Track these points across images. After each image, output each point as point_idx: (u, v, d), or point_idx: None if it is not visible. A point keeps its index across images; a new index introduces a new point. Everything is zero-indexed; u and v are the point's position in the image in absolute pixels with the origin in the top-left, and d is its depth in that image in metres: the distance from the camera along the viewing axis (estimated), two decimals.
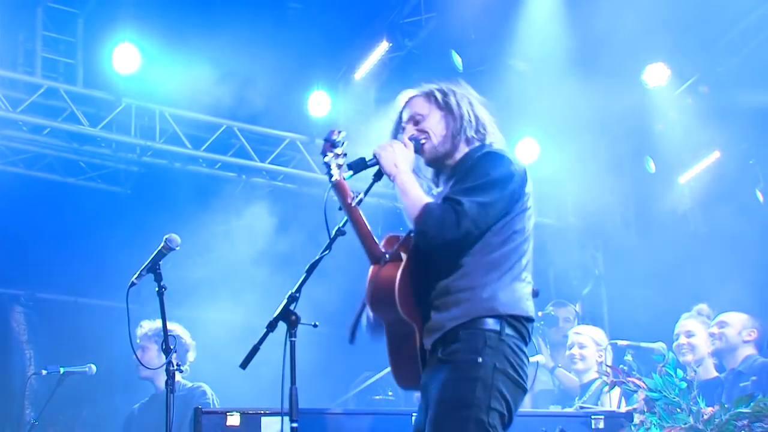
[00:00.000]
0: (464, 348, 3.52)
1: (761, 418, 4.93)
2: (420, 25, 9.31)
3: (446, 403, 3.49)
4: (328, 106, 9.60)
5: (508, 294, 3.61)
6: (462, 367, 3.51)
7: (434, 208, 3.58)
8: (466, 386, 3.48)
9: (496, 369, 3.51)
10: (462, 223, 3.54)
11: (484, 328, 3.54)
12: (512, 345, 3.57)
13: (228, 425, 4.70)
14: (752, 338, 6.40)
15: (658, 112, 9.51)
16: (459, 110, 3.90)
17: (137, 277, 4.75)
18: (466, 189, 3.61)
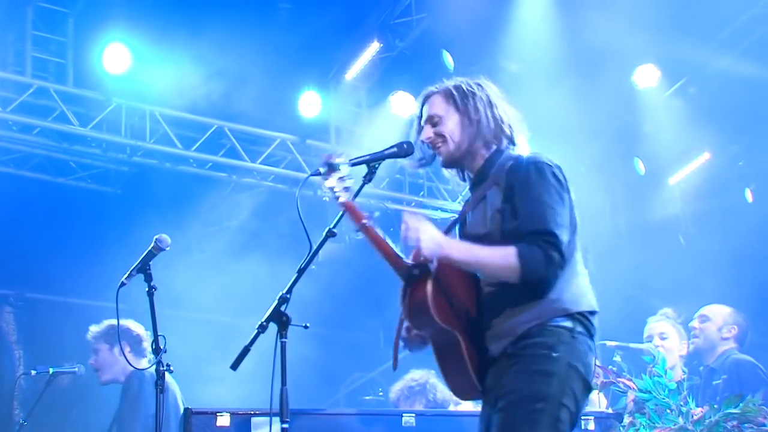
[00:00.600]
0: (538, 343, 3.49)
1: (751, 419, 4.94)
2: (411, 25, 9.32)
3: (519, 394, 3.45)
4: (319, 107, 9.60)
5: (573, 290, 3.59)
6: (537, 361, 3.47)
7: (534, 254, 3.48)
8: (541, 380, 3.44)
9: (570, 366, 3.48)
10: (562, 251, 3.51)
11: (558, 325, 3.52)
12: (583, 343, 3.55)
13: (218, 426, 4.69)
14: (732, 335, 6.40)
15: (648, 113, 9.53)
16: (477, 114, 3.82)
17: (127, 278, 4.74)
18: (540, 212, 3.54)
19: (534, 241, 3.49)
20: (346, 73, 9.85)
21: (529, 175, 3.63)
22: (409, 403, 6.37)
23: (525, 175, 3.63)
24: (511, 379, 3.49)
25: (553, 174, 3.64)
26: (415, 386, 6.39)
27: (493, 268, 3.55)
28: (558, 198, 3.59)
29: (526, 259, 3.46)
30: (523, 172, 3.64)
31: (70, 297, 9.88)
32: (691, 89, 9.39)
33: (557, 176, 3.65)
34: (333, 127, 10.15)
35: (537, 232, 3.51)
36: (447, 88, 3.91)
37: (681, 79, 9.38)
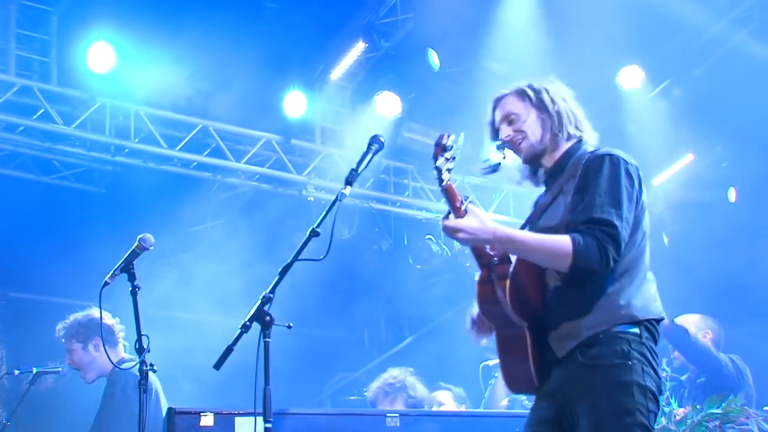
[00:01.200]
0: (609, 352, 3.46)
1: (732, 419, 4.97)
2: (396, 25, 9.32)
3: (607, 410, 3.41)
4: (304, 107, 9.60)
5: (642, 297, 3.57)
6: (614, 372, 3.44)
7: (589, 243, 3.43)
8: (623, 391, 3.42)
9: (645, 372, 3.45)
10: (620, 244, 3.47)
11: (626, 332, 3.49)
12: (651, 348, 3.52)
13: (202, 425, 4.69)
14: (708, 339, 6.45)
15: (633, 114, 9.56)
16: (555, 107, 3.83)
17: (111, 277, 4.73)
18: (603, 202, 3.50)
19: (591, 230, 3.46)
20: (331, 72, 9.84)
21: (602, 166, 3.59)
22: (388, 400, 6.37)
23: (598, 165, 3.60)
24: (594, 396, 3.45)
25: (626, 170, 3.61)
26: (396, 383, 6.40)
27: (544, 254, 3.51)
28: (627, 193, 3.56)
29: (579, 248, 3.42)
30: (597, 163, 3.61)
31: (53, 296, 9.85)
32: (675, 91, 9.43)
33: (630, 173, 3.62)
34: (318, 126, 10.15)
35: (595, 221, 3.47)
36: (519, 88, 3.91)
37: (665, 80, 9.41)
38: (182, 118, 9.37)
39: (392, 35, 9.38)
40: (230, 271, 9.28)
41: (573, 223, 3.53)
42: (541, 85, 3.90)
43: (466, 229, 3.50)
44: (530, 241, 3.54)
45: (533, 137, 3.83)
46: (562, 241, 3.46)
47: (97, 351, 6.27)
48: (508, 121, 3.87)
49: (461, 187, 10.45)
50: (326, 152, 10.00)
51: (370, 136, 4.03)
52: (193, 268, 9.92)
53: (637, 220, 3.61)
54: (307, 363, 10.00)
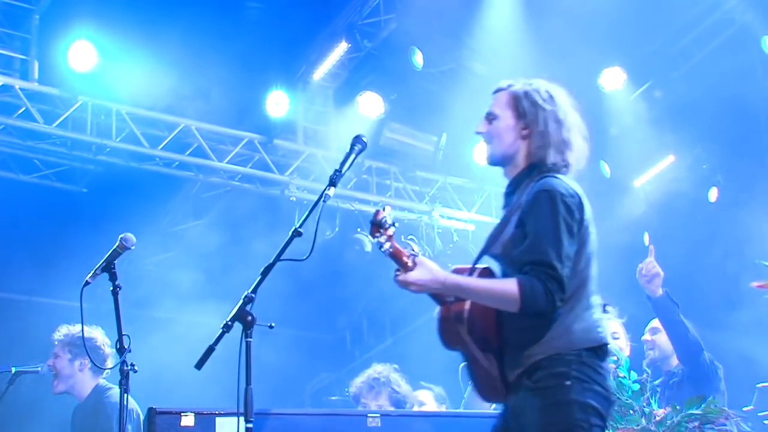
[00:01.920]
0: (550, 374, 3.52)
1: (712, 420, 4.99)
2: (379, 26, 9.33)
3: (545, 428, 3.50)
4: (287, 106, 9.59)
5: (582, 325, 3.61)
6: (553, 393, 3.51)
7: (535, 286, 3.48)
8: (563, 410, 3.48)
9: (585, 389, 3.51)
10: (563, 284, 3.51)
11: (565, 356, 3.55)
12: (594, 365, 3.57)
13: (182, 426, 4.67)
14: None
15: (615, 115, 9.60)
16: (534, 127, 3.78)
17: (92, 276, 4.71)
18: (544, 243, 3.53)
19: (534, 273, 3.50)
20: (313, 73, 9.84)
21: (539, 203, 3.60)
22: (372, 394, 6.38)
23: (535, 202, 3.61)
24: (534, 417, 3.53)
25: (564, 204, 3.60)
26: (380, 378, 6.41)
27: (493, 300, 3.58)
28: (566, 228, 3.58)
29: (525, 291, 3.48)
30: (534, 199, 3.62)
31: (34, 296, 9.83)
32: (656, 92, 9.46)
33: (569, 206, 3.62)
34: (300, 126, 10.15)
35: (537, 263, 3.52)
36: (515, 90, 3.87)
37: (647, 82, 9.45)
38: (164, 118, 9.35)
39: (375, 35, 9.39)
40: (212, 270, 9.26)
41: (517, 263, 3.58)
42: (539, 97, 3.84)
43: (416, 282, 3.57)
44: (479, 288, 3.60)
45: (496, 147, 3.85)
46: (509, 287, 3.52)
47: (80, 370, 6.26)
48: (489, 119, 3.88)
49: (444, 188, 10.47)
50: (308, 152, 10.00)
51: (352, 137, 4.03)
52: (174, 267, 9.89)
53: (578, 250, 3.65)
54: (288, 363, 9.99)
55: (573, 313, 3.60)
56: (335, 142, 9.75)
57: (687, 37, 9.04)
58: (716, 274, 8.37)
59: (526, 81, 3.91)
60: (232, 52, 8.68)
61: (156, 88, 8.91)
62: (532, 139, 3.77)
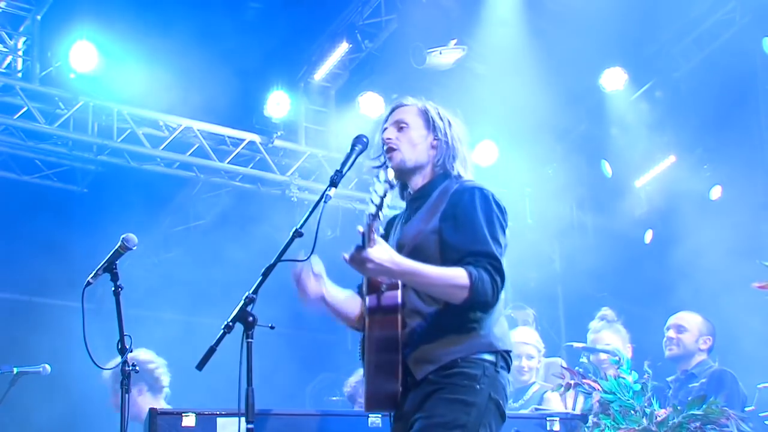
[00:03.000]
0: (462, 373, 3.55)
1: (713, 420, 4.99)
2: (380, 26, 9.33)
3: (438, 419, 3.51)
4: (288, 107, 9.59)
5: (500, 329, 3.67)
6: (459, 391, 3.53)
7: (483, 277, 3.52)
8: (461, 409, 3.51)
9: (490, 399, 3.56)
10: (504, 277, 3.57)
11: (483, 358, 3.59)
12: (502, 379, 3.63)
13: (183, 426, 4.68)
14: (707, 346, 6.43)
15: (615, 116, 9.60)
16: (443, 137, 3.87)
17: (93, 277, 4.71)
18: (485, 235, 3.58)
19: (480, 263, 3.53)
20: (314, 73, 9.85)
21: (474, 200, 3.67)
22: None
23: (470, 198, 3.67)
24: (432, 405, 3.55)
25: (498, 205, 3.70)
26: None
27: (443, 287, 3.57)
28: (500, 229, 3.66)
29: (475, 281, 3.50)
30: (468, 196, 3.68)
31: (35, 296, 9.82)
32: (657, 93, 9.47)
33: (501, 208, 3.71)
34: (301, 127, 10.15)
35: (481, 254, 3.55)
36: (423, 106, 3.96)
37: (647, 82, 9.45)
38: (165, 118, 9.35)
39: (376, 36, 9.39)
40: (213, 271, 9.26)
41: (456, 253, 3.59)
42: (443, 114, 3.94)
43: (375, 259, 3.51)
44: (431, 275, 3.57)
45: (408, 153, 3.88)
46: (460, 275, 3.52)
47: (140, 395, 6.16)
48: (398, 127, 3.92)
49: None
50: (309, 152, 10.00)
51: (353, 137, 4.04)
52: (176, 267, 9.89)
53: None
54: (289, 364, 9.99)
55: (492, 317, 3.64)
56: (336, 142, 9.75)
57: (688, 38, 9.05)
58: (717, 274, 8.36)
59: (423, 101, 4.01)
60: (232, 52, 8.68)
61: (157, 88, 8.91)
62: (441, 150, 3.87)
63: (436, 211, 3.72)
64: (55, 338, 8.54)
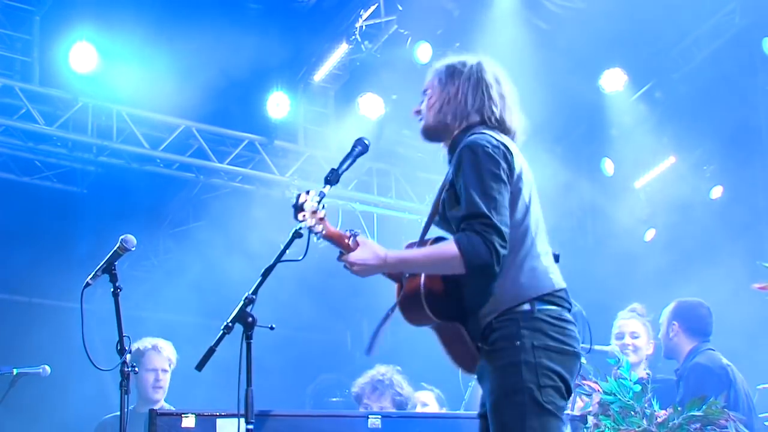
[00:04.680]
0: (502, 335, 3.51)
1: (713, 421, 4.99)
2: (380, 27, 9.33)
3: (498, 391, 3.50)
4: (287, 108, 9.59)
5: (530, 274, 3.58)
6: (503, 354, 3.50)
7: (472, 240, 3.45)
8: (511, 371, 3.47)
9: (535, 347, 3.48)
10: (502, 231, 3.46)
11: (515, 311, 3.52)
12: (547, 318, 3.53)
13: (183, 427, 4.67)
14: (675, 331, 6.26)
15: (615, 117, 9.60)
16: (454, 92, 3.83)
17: (92, 278, 4.71)
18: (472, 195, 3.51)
19: (470, 226, 3.48)
20: (314, 74, 9.85)
21: (462, 159, 3.60)
22: (376, 396, 6.38)
23: (459, 159, 3.62)
24: (490, 378, 3.55)
25: (486, 154, 3.58)
26: (384, 380, 6.42)
27: (436, 266, 3.57)
28: (492, 179, 3.54)
29: (464, 247, 3.45)
30: (457, 159, 3.63)
31: (34, 297, 9.82)
32: (657, 94, 9.47)
33: (491, 155, 3.58)
34: (301, 128, 10.15)
35: (471, 217, 3.49)
36: (440, 65, 3.95)
37: (647, 83, 9.45)
38: (165, 119, 9.35)
39: (375, 37, 9.39)
40: (212, 272, 9.26)
41: (455, 225, 3.59)
42: (460, 65, 3.91)
43: (357, 261, 3.55)
44: (420, 258, 3.59)
45: (428, 120, 3.88)
46: (448, 248, 3.50)
47: None
48: (424, 95, 3.95)
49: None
50: (309, 153, 9.99)
51: (355, 138, 4.03)
52: (175, 269, 9.89)
53: (513, 197, 3.61)
54: (289, 364, 9.99)
55: (516, 264, 3.56)
56: (336, 143, 9.75)
57: (688, 39, 9.05)
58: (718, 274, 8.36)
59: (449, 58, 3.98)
60: (232, 53, 8.67)
61: (157, 89, 8.90)
62: (454, 104, 3.82)
63: (447, 176, 3.69)
64: (55, 339, 8.54)
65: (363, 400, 6.42)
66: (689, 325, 6.22)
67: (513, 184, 3.62)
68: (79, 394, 8.77)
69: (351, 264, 3.57)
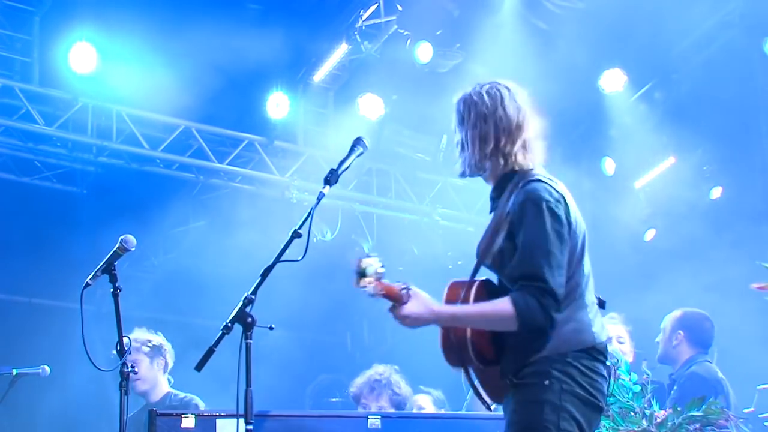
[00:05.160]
0: (532, 372, 3.53)
1: (713, 421, 4.99)
2: (379, 27, 9.33)
3: (516, 426, 3.53)
4: (287, 108, 9.59)
5: (573, 326, 3.57)
6: (530, 390, 3.52)
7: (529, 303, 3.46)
8: (534, 408, 3.49)
9: (563, 390, 3.49)
10: (557, 296, 3.48)
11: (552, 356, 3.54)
12: (581, 366, 3.54)
13: (183, 427, 4.67)
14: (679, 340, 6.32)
15: (615, 117, 9.59)
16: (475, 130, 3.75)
17: (92, 278, 4.71)
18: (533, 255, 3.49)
19: (526, 288, 3.47)
20: (314, 74, 9.85)
21: (525, 214, 3.56)
22: (374, 396, 6.38)
23: (521, 213, 3.57)
24: (512, 411, 3.57)
25: (550, 210, 3.55)
26: (382, 380, 6.42)
27: (490, 323, 3.56)
28: (555, 237, 3.53)
29: (521, 309, 3.45)
30: (519, 211, 3.58)
31: (34, 297, 9.81)
32: (657, 94, 9.46)
33: (555, 212, 3.56)
34: (301, 128, 10.15)
35: (529, 278, 3.48)
36: (456, 103, 3.86)
37: (647, 84, 9.45)
38: (165, 119, 9.35)
39: (375, 37, 9.38)
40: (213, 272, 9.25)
41: (510, 279, 3.56)
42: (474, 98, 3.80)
43: (411, 315, 3.52)
44: (474, 316, 3.57)
45: (462, 162, 3.80)
46: (504, 308, 3.48)
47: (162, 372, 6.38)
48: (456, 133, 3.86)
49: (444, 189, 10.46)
50: (309, 154, 9.99)
51: (354, 138, 4.03)
52: (175, 269, 9.88)
53: (570, 255, 3.60)
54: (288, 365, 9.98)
55: (563, 315, 3.55)
56: (336, 143, 9.73)
57: (688, 39, 9.04)
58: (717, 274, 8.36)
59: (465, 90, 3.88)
60: (232, 53, 8.67)
61: (156, 89, 8.90)
62: (485, 143, 3.72)
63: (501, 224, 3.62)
64: (55, 340, 8.54)
65: (361, 400, 6.43)
66: (693, 336, 6.32)
67: (571, 240, 3.62)
68: (79, 394, 8.76)
69: (403, 317, 3.54)
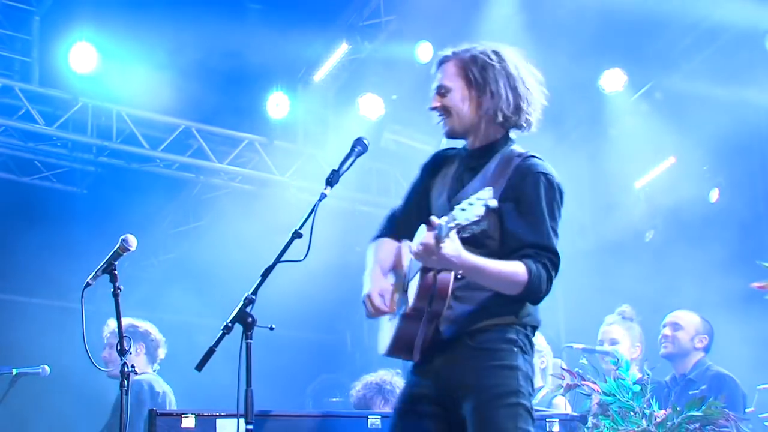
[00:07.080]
0: (499, 338, 3.53)
1: (713, 421, 4.99)
2: (379, 27, 9.33)
3: (493, 391, 3.48)
4: (287, 108, 9.60)
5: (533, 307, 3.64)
6: (502, 356, 3.51)
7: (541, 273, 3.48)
8: (509, 374, 3.50)
9: (526, 360, 3.55)
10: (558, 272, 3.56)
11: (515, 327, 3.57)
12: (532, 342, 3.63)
13: (183, 427, 4.67)
14: (702, 345, 6.41)
15: (615, 117, 9.59)
16: (488, 91, 3.67)
17: (93, 278, 4.70)
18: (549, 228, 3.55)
19: (541, 258, 3.50)
20: (314, 74, 9.85)
21: (539, 186, 3.58)
22: (376, 401, 6.38)
23: (535, 184, 3.58)
24: (481, 377, 3.51)
25: (561, 193, 3.64)
26: (385, 385, 6.41)
27: (502, 283, 3.51)
28: (558, 219, 3.62)
29: (533, 277, 3.47)
30: (532, 180, 3.58)
31: (34, 297, 9.82)
32: (657, 94, 9.46)
33: (563, 195, 3.66)
34: (301, 128, 10.15)
35: (543, 248, 3.51)
36: (462, 58, 3.73)
37: (647, 83, 9.44)
38: (165, 119, 9.36)
39: (375, 37, 9.39)
40: (213, 272, 9.26)
41: (516, 242, 3.53)
42: (488, 59, 3.72)
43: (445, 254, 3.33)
44: (492, 271, 3.46)
45: (457, 119, 3.72)
46: (519, 272, 3.46)
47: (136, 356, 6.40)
48: (440, 93, 3.75)
49: None
50: (309, 153, 9.99)
51: (354, 138, 4.03)
52: (175, 269, 9.89)
53: None
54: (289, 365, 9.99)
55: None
56: (335, 143, 9.74)
57: (688, 39, 9.04)
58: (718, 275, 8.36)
59: (468, 46, 3.79)
60: (232, 53, 8.68)
61: (156, 89, 8.91)
62: (489, 104, 3.67)
63: (495, 185, 3.51)
64: (55, 339, 8.55)
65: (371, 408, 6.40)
66: (710, 345, 6.43)
67: None
68: (79, 394, 8.77)
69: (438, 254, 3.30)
